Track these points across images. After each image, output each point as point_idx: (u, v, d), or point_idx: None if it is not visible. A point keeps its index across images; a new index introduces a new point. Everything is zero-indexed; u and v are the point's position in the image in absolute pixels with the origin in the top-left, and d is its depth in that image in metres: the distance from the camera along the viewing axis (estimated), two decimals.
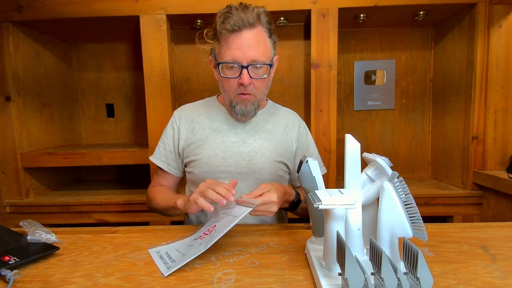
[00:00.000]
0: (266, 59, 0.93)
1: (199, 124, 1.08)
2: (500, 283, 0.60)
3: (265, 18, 0.93)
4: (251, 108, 0.99)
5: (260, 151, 1.04)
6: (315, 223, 0.75)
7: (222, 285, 0.62)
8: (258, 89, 0.97)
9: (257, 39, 0.91)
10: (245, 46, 0.90)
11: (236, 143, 1.05)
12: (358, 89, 1.97)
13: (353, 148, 0.62)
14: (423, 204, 1.62)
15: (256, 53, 0.91)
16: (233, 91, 0.97)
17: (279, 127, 1.10)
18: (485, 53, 1.52)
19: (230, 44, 0.91)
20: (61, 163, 1.67)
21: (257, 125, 1.08)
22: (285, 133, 1.10)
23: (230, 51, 0.91)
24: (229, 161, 1.03)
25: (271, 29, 0.96)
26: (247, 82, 0.92)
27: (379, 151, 2.00)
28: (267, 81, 0.99)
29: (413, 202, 0.58)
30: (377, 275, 0.49)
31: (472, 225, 0.90)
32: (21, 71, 1.64)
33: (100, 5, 1.54)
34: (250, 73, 0.92)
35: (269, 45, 0.95)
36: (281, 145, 1.07)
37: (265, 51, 0.93)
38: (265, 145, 1.05)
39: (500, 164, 1.57)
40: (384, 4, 1.51)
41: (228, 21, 0.89)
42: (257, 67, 0.93)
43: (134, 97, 2.08)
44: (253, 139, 1.06)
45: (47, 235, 0.82)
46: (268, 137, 1.07)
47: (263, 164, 1.03)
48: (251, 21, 0.89)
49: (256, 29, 0.91)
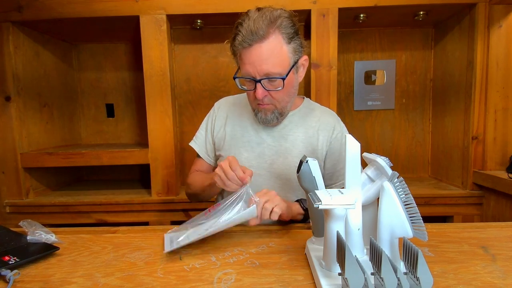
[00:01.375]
0: (281, 70, 0.89)
1: (231, 120, 1.09)
2: (500, 283, 0.60)
3: (283, 22, 0.88)
4: (272, 116, 0.98)
5: (283, 155, 1.03)
6: (315, 223, 0.75)
7: (222, 285, 0.62)
8: (276, 99, 0.95)
9: (269, 52, 0.87)
10: (257, 61, 0.87)
11: (261, 145, 1.04)
12: (358, 89, 1.97)
13: (353, 148, 0.62)
14: (423, 204, 1.62)
15: (268, 67, 0.87)
16: (252, 102, 0.98)
17: (310, 130, 1.05)
18: (485, 53, 1.52)
19: (243, 59, 0.89)
20: (61, 163, 1.67)
21: (285, 127, 1.06)
22: (316, 137, 1.05)
23: (244, 66, 0.90)
24: (252, 162, 1.03)
25: (292, 33, 0.89)
26: (261, 96, 0.91)
27: (379, 151, 2.00)
28: (288, 89, 0.94)
29: (413, 202, 0.58)
30: (377, 275, 0.49)
31: (472, 225, 0.90)
32: (21, 71, 1.64)
33: (100, 5, 1.54)
34: (265, 85, 0.90)
35: (286, 53, 0.89)
36: (306, 150, 1.04)
37: (280, 62, 0.89)
38: (289, 149, 1.03)
39: (500, 164, 1.57)
40: (384, 4, 1.51)
41: (238, 37, 0.87)
42: (272, 80, 0.90)
43: (134, 97, 2.08)
44: (278, 143, 1.04)
45: (47, 235, 0.82)
46: (294, 140, 1.04)
47: (283, 169, 1.02)
48: (262, 33, 0.85)
49: (269, 40, 0.86)
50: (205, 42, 1.91)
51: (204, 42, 1.91)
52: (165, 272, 0.68)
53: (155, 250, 0.79)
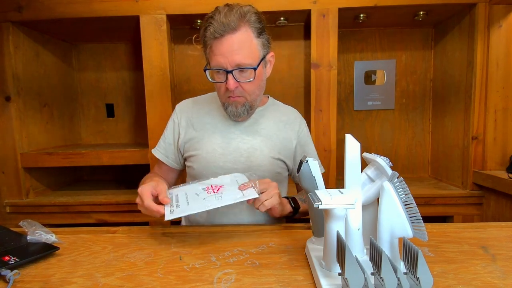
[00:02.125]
0: (252, 61, 0.92)
1: (199, 119, 1.09)
2: (500, 283, 0.60)
3: (252, 17, 0.91)
4: (242, 109, 0.99)
5: (259, 148, 1.04)
6: (315, 223, 0.76)
7: (222, 285, 0.62)
8: (247, 91, 0.96)
9: (240, 43, 0.90)
10: (228, 52, 0.89)
11: (235, 140, 1.05)
12: (358, 89, 1.97)
13: (353, 148, 0.62)
14: (423, 204, 1.62)
15: (240, 57, 0.90)
16: (223, 94, 0.98)
17: (279, 124, 1.10)
18: (485, 53, 1.52)
19: (214, 50, 0.91)
20: (61, 163, 1.67)
21: (256, 122, 1.08)
22: (285, 131, 1.10)
23: (215, 57, 0.91)
24: (228, 157, 1.03)
25: (260, 28, 0.93)
26: (233, 87, 0.92)
27: (379, 151, 2.00)
28: (258, 82, 0.97)
29: (413, 202, 0.58)
30: (377, 275, 0.49)
31: (472, 225, 0.90)
32: (21, 71, 1.64)
33: (100, 5, 1.54)
34: (237, 76, 0.92)
35: (256, 46, 0.93)
36: (280, 143, 1.08)
37: (250, 53, 0.91)
38: (264, 142, 1.05)
39: (500, 164, 1.57)
40: (384, 4, 1.51)
41: (209, 28, 0.89)
42: (243, 70, 0.92)
43: (134, 97, 2.08)
44: (252, 136, 1.06)
45: (47, 235, 0.82)
46: (267, 134, 1.07)
47: (261, 161, 1.03)
48: (233, 25, 0.88)
49: (240, 32, 0.89)
50: None
51: None
52: (165, 272, 0.68)
53: (155, 250, 0.79)
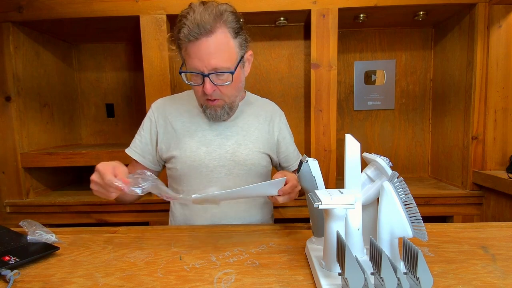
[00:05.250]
0: (230, 64, 0.88)
1: (178, 118, 1.05)
2: (500, 283, 0.60)
3: (229, 16, 0.87)
4: (221, 112, 0.97)
5: (243, 143, 1.03)
6: (315, 223, 0.76)
7: (222, 285, 0.62)
8: (225, 94, 0.94)
9: (217, 46, 0.85)
10: (205, 55, 0.85)
11: (218, 136, 1.03)
12: (358, 89, 1.97)
13: (353, 148, 0.62)
14: (423, 204, 1.62)
15: (216, 61, 0.86)
16: (200, 97, 0.95)
17: (259, 118, 1.08)
18: (485, 53, 1.52)
19: (190, 53, 0.87)
20: (61, 163, 1.67)
21: (238, 117, 1.06)
22: (266, 124, 1.08)
23: (191, 60, 0.87)
24: (213, 155, 1.02)
25: (237, 28, 0.89)
26: (210, 91, 0.89)
27: (379, 151, 2.00)
28: (236, 84, 0.94)
29: (413, 202, 0.58)
30: (377, 275, 0.49)
31: (472, 225, 0.90)
32: (21, 71, 1.64)
33: (100, 5, 1.54)
34: (214, 80, 0.89)
35: (233, 48, 0.89)
36: (262, 136, 1.06)
37: (228, 56, 0.88)
38: (247, 137, 1.04)
39: (500, 164, 1.57)
40: (384, 4, 1.51)
41: (183, 30, 0.84)
42: (220, 74, 0.89)
43: (134, 97, 2.08)
44: (235, 132, 1.04)
45: (47, 235, 0.83)
46: (249, 129, 1.06)
47: (247, 155, 1.02)
48: (209, 27, 0.83)
49: (216, 34, 0.85)
50: None
51: None
52: (165, 272, 0.68)
53: (155, 250, 0.79)
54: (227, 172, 1.02)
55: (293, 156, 1.14)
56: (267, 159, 1.08)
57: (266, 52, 1.91)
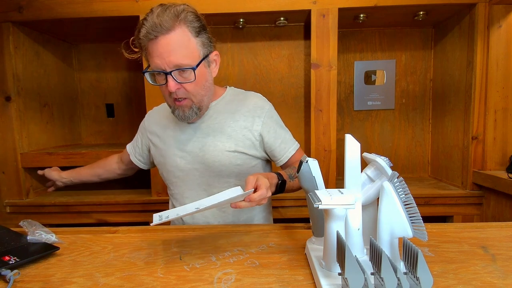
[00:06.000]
0: (191, 61, 0.89)
1: (161, 126, 1.11)
2: (500, 283, 0.60)
3: (188, 16, 0.88)
4: (190, 112, 0.96)
5: (212, 144, 1.02)
6: (315, 223, 0.76)
7: (222, 285, 0.62)
8: (191, 92, 0.93)
9: (176, 43, 0.86)
10: (165, 52, 0.86)
11: (190, 140, 1.04)
12: (358, 89, 1.97)
13: (353, 148, 0.62)
14: (423, 204, 1.62)
15: (176, 58, 0.87)
16: (168, 98, 0.95)
17: (235, 115, 1.04)
18: (485, 53, 1.52)
19: (151, 52, 0.88)
20: (61, 163, 1.67)
21: (210, 118, 1.05)
22: (244, 119, 1.04)
23: (152, 59, 0.89)
24: (187, 159, 1.03)
25: (198, 27, 0.90)
26: (174, 88, 0.89)
27: (379, 151, 2.00)
28: (201, 82, 0.94)
29: (413, 202, 0.58)
30: (377, 275, 0.49)
31: (472, 225, 0.90)
32: (21, 71, 1.64)
33: (100, 5, 1.54)
34: (177, 77, 0.89)
35: (195, 45, 0.90)
36: (237, 134, 1.03)
37: (188, 53, 0.88)
38: (218, 137, 1.03)
39: (500, 164, 1.57)
40: (384, 4, 1.51)
41: (142, 30, 0.87)
42: (183, 71, 0.89)
43: (134, 97, 2.08)
44: (206, 133, 1.03)
45: (47, 235, 0.83)
46: (221, 128, 1.03)
47: (216, 156, 1.01)
48: (167, 25, 0.85)
49: (175, 32, 0.86)
50: None
51: None
52: (165, 272, 0.68)
53: (155, 250, 0.79)
54: (200, 174, 1.04)
55: (280, 150, 1.07)
56: (241, 157, 1.04)
57: (266, 52, 1.91)
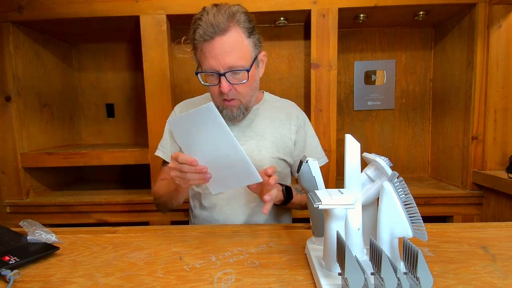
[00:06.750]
0: (245, 63, 0.90)
1: None
2: (500, 283, 0.60)
3: (241, 17, 0.89)
4: (238, 112, 0.98)
5: (256, 148, 1.03)
6: (315, 223, 0.76)
7: (222, 285, 0.62)
8: (241, 93, 0.94)
9: (231, 45, 0.87)
10: (220, 54, 0.87)
11: None
12: (358, 89, 1.97)
13: (353, 148, 0.62)
14: (423, 204, 1.62)
15: (232, 59, 0.88)
16: (217, 97, 0.96)
17: (275, 121, 1.08)
18: (485, 53, 1.52)
19: (205, 53, 0.89)
20: (61, 163, 1.67)
21: (252, 121, 1.06)
22: (282, 128, 1.07)
23: (207, 60, 0.89)
24: None
25: (250, 27, 0.91)
26: (227, 89, 0.90)
27: (379, 151, 2.00)
28: (251, 83, 0.95)
29: (413, 202, 0.58)
30: (377, 275, 0.49)
31: (472, 225, 0.90)
32: (21, 71, 1.64)
33: (100, 5, 1.54)
34: (230, 79, 0.90)
35: (248, 46, 0.91)
36: (278, 140, 1.06)
37: (243, 55, 0.90)
38: (261, 141, 1.04)
39: (500, 164, 1.57)
40: (384, 4, 1.51)
41: (198, 30, 0.87)
42: (236, 72, 0.90)
43: (134, 97, 2.08)
44: (249, 136, 1.04)
45: (47, 235, 0.82)
46: (264, 133, 1.05)
47: (260, 161, 1.02)
48: (223, 26, 0.86)
49: (230, 33, 0.87)
50: None
51: None
52: (165, 272, 0.68)
53: (155, 250, 0.79)
54: None
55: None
56: (281, 164, 1.07)
57: (266, 52, 1.90)
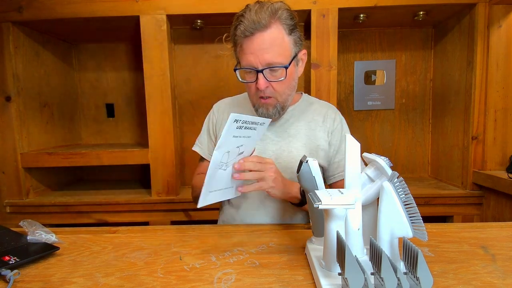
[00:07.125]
0: (284, 60, 0.89)
1: None
2: (500, 283, 0.60)
3: (283, 13, 0.88)
4: (274, 111, 0.97)
5: (287, 149, 1.02)
6: (315, 223, 0.75)
7: (222, 285, 0.62)
8: (278, 91, 0.93)
9: (271, 41, 0.87)
10: (259, 50, 0.86)
11: (264, 141, 1.03)
12: (358, 89, 1.97)
13: (353, 148, 0.62)
14: (423, 204, 1.62)
15: (270, 56, 0.87)
16: (253, 95, 0.96)
17: (311, 124, 1.05)
18: (485, 53, 1.52)
19: (245, 49, 0.88)
20: (61, 163, 1.67)
21: (286, 122, 1.05)
22: (317, 130, 1.05)
23: (245, 56, 0.89)
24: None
25: (292, 25, 0.90)
26: (263, 86, 0.89)
27: (379, 151, 2.00)
28: (289, 82, 0.94)
29: (413, 202, 0.58)
30: (377, 275, 0.49)
31: (472, 225, 0.90)
32: (21, 71, 1.64)
33: (100, 5, 1.54)
34: (267, 76, 0.89)
35: (288, 44, 0.90)
36: (311, 143, 1.04)
37: (282, 52, 0.89)
38: (292, 143, 1.03)
39: (500, 164, 1.57)
40: (384, 4, 1.51)
41: (240, 27, 0.87)
42: (274, 69, 0.89)
43: (134, 97, 2.08)
44: (281, 137, 1.04)
45: (47, 235, 0.82)
46: (297, 134, 1.04)
47: (289, 163, 1.01)
48: (264, 22, 0.85)
49: (271, 30, 0.86)
50: (205, 42, 1.90)
51: (204, 42, 1.91)
52: (165, 272, 0.68)
53: (155, 250, 0.79)
54: None
55: (335, 167, 1.05)
56: None
57: None
